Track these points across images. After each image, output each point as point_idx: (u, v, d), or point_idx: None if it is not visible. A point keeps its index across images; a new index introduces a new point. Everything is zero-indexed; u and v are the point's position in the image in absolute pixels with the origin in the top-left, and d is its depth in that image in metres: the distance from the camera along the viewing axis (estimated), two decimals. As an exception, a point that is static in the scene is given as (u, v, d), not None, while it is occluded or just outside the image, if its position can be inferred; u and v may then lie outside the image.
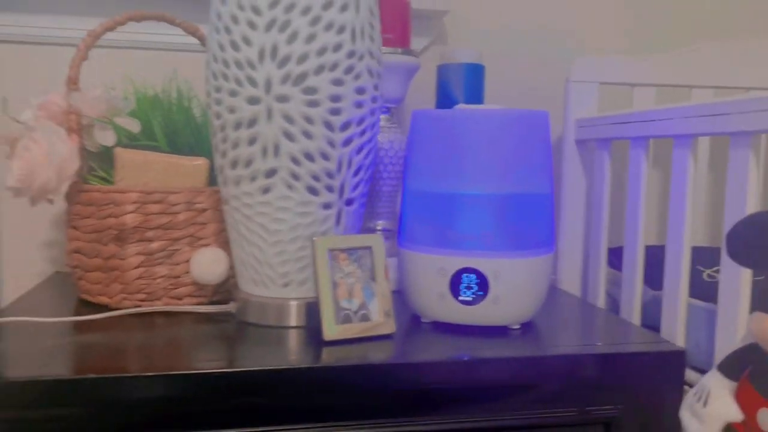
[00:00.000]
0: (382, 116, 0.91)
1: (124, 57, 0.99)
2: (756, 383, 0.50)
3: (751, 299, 0.61)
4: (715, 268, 0.90)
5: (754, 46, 1.02)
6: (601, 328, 0.73)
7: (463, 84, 0.93)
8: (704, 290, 0.78)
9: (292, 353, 0.62)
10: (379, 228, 0.93)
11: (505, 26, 1.12)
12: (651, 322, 0.85)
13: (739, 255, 0.49)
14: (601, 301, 0.92)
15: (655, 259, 0.88)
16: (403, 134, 0.91)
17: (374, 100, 0.70)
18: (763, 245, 0.47)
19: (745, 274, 0.62)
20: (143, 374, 0.56)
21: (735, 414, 0.51)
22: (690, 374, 0.74)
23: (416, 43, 1.08)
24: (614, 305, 0.94)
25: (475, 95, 0.94)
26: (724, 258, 0.64)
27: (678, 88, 1.04)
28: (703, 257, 0.92)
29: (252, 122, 0.65)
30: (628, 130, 0.82)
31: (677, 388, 0.66)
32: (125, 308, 0.74)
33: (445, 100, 0.94)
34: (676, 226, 0.73)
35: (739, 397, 0.52)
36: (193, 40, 0.95)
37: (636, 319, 0.83)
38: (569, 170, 0.98)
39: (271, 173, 0.66)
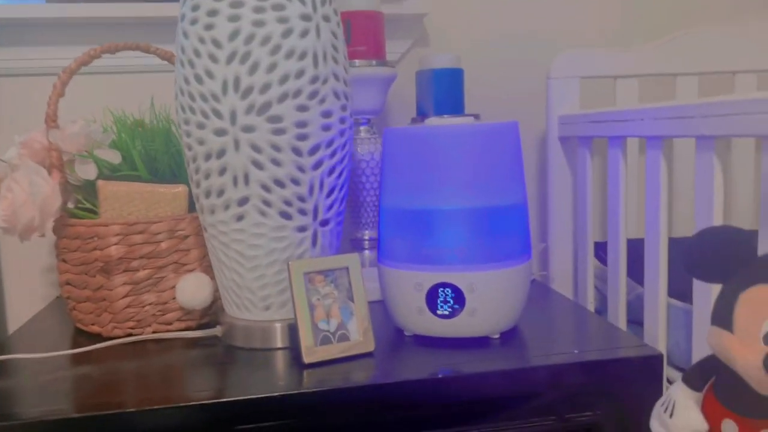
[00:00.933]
0: (362, 128, 0.91)
1: (103, 83, 1.01)
2: (719, 394, 0.51)
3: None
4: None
5: (736, 31, 1.01)
6: (581, 333, 0.73)
7: (442, 90, 0.93)
8: (689, 285, 0.77)
9: (278, 377, 0.63)
10: (365, 237, 0.94)
11: (485, 27, 1.12)
12: (638, 317, 0.85)
13: (694, 269, 0.49)
14: (590, 297, 0.93)
15: (637, 252, 0.88)
16: (384, 144, 0.92)
17: (342, 121, 0.70)
18: (716, 261, 0.48)
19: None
20: (139, 409, 0.58)
21: (700, 424, 0.51)
22: (672, 373, 0.75)
23: (397, 46, 1.08)
24: (604, 302, 0.94)
25: (455, 100, 0.94)
26: (682, 263, 0.64)
27: (663, 78, 1.03)
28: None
29: (221, 153, 0.67)
30: (605, 129, 0.82)
31: (656, 392, 0.66)
32: (117, 337, 0.76)
33: (424, 107, 0.95)
34: (653, 226, 0.73)
35: (704, 408, 0.52)
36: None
37: (622, 316, 0.83)
38: (554, 167, 0.98)
39: (243, 201, 0.68)
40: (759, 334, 0.45)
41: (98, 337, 0.77)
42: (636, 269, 0.85)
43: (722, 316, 0.47)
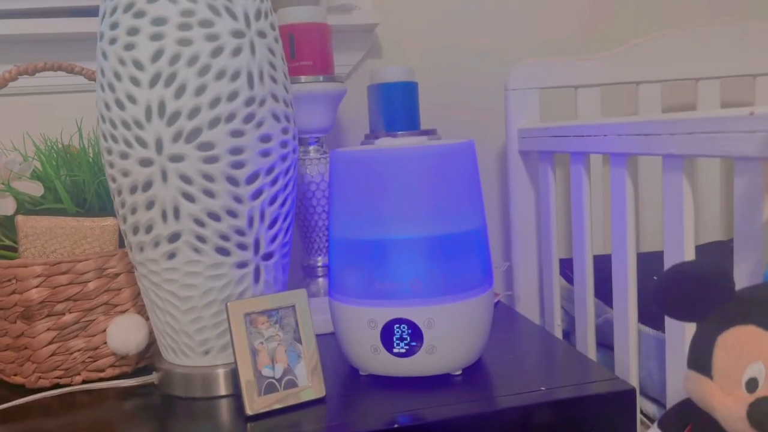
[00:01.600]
0: (311, 148, 0.85)
1: (21, 105, 0.93)
2: (699, 442, 0.46)
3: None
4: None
5: (697, 37, 0.98)
6: (549, 366, 0.68)
7: (394, 105, 0.88)
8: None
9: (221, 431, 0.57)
10: (319, 264, 0.88)
11: (440, 37, 1.07)
12: (606, 340, 0.81)
13: (667, 308, 0.44)
14: (557, 318, 0.88)
15: (607, 270, 0.84)
16: (335, 164, 0.86)
17: (284, 144, 0.65)
18: (690, 300, 0.43)
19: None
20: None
21: (679, 475, 0.47)
22: (646, 405, 0.70)
23: (347, 58, 1.02)
24: (572, 322, 0.90)
25: (409, 116, 0.89)
26: (654, 302, 0.60)
27: (626, 86, 1.00)
28: (657, 263, 0.88)
29: (147, 185, 0.60)
30: (566, 144, 0.77)
31: (630, 428, 0.61)
32: (42, 388, 0.69)
33: (378, 123, 0.89)
34: (620, 247, 0.69)
35: (684, 456, 0.47)
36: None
37: (591, 342, 0.78)
38: (515, 182, 0.94)
39: (174, 237, 0.61)
40: (741, 380, 0.41)
41: (21, 389, 0.69)
42: (603, 288, 0.81)
43: (700, 360, 0.43)
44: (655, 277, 0.86)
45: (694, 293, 0.43)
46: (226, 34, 0.59)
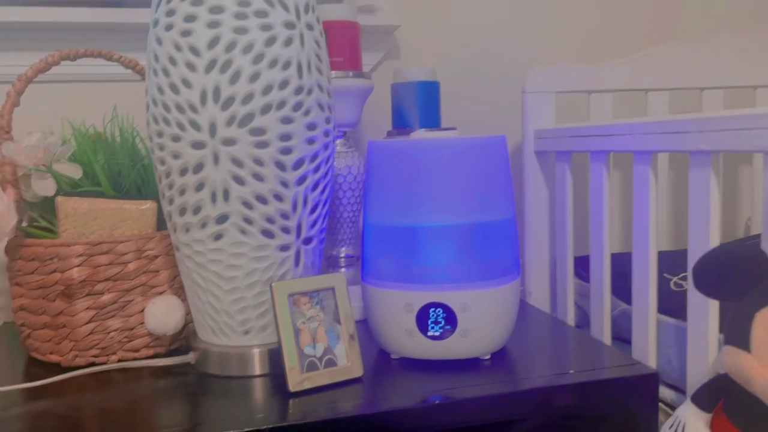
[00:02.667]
0: (338, 141, 0.88)
1: (61, 92, 0.95)
2: (730, 415, 0.49)
3: (720, 326, 0.60)
4: (681, 275, 0.89)
5: (704, 48, 1.02)
6: (571, 351, 0.71)
7: (418, 103, 0.91)
8: (673, 301, 0.77)
9: (258, 409, 0.59)
10: (342, 255, 0.90)
11: (457, 40, 1.10)
12: (621, 333, 0.84)
13: (707, 289, 0.48)
14: (570, 314, 0.91)
15: (621, 268, 0.87)
16: (361, 158, 0.88)
17: (327, 134, 0.67)
18: (729, 279, 0.46)
19: (713, 293, 0.61)
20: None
21: (712, 447, 0.50)
22: (664, 391, 0.74)
23: (368, 58, 1.05)
24: (584, 317, 0.93)
25: (431, 114, 0.92)
26: (692, 281, 0.64)
27: (636, 93, 1.04)
28: (669, 263, 0.92)
29: (198, 167, 0.62)
30: (587, 144, 0.81)
31: (652, 410, 0.65)
32: (78, 366, 0.70)
33: (400, 120, 0.92)
34: (642, 241, 0.72)
35: (714, 429, 0.51)
36: (135, 72, 0.90)
37: (607, 333, 0.82)
38: (530, 181, 0.97)
39: (222, 219, 0.63)
40: (778, 353, 0.44)
41: (57, 368, 0.71)
42: (616, 285, 0.85)
43: (738, 336, 0.46)
44: (665, 274, 0.90)
45: (733, 273, 0.46)
46: (279, 24, 0.62)
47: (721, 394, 0.50)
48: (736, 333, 0.46)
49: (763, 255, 0.46)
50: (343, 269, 0.90)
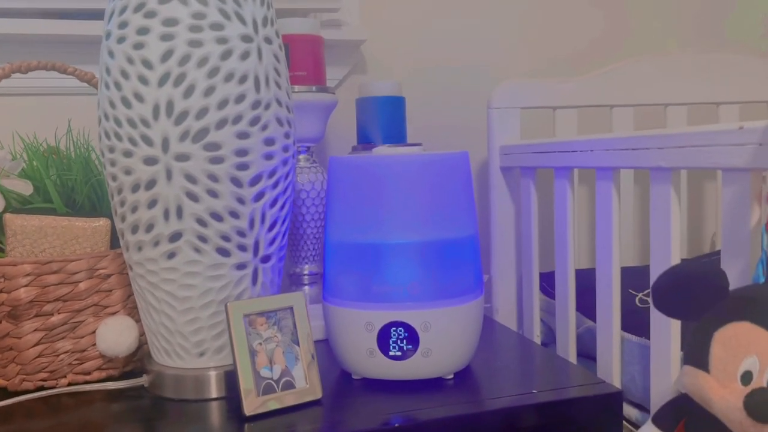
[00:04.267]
0: (301, 156, 0.87)
1: (12, 105, 0.92)
2: (692, 436, 0.48)
3: (682, 344, 0.60)
4: (646, 291, 0.89)
5: (668, 64, 1.03)
6: (536, 370, 0.70)
7: (382, 118, 0.90)
8: (638, 318, 0.77)
9: (211, 434, 0.57)
10: (305, 272, 0.88)
11: (424, 55, 1.10)
12: (587, 351, 0.83)
13: (666, 308, 0.47)
14: (536, 330, 0.91)
15: (587, 284, 0.87)
16: (325, 173, 0.87)
17: (286, 149, 0.66)
18: (687, 298, 0.46)
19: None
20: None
21: (674, 469, 0.49)
22: (628, 410, 0.73)
23: (334, 72, 1.04)
24: (550, 334, 0.92)
25: (396, 129, 0.91)
26: (651, 300, 0.63)
27: (601, 108, 1.04)
28: (634, 278, 0.92)
29: (150, 183, 0.60)
30: (551, 160, 0.80)
31: (616, 430, 0.64)
32: (26, 390, 0.67)
33: (365, 135, 0.91)
34: (605, 258, 0.72)
35: (677, 451, 0.50)
36: (93, 85, 0.88)
37: (572, 350, 0.81)
38: (497, 198, 0.96)
39: (175, 237, 0.61)
40: (737, 373, 0.43)
41: (3, 392, 0.68)
42: (581, 301, 0.84)
43: (697, 356, 0.45)
44: (630, 290, 0.90)
45: (692, 292, 0.46)
46: (236, 38, 0.60)
47: (682, 414, 0.50)
48: (695, 353, 0.46)
49: (722, 274, 0.46)
50: (306, 287, 0.88)
